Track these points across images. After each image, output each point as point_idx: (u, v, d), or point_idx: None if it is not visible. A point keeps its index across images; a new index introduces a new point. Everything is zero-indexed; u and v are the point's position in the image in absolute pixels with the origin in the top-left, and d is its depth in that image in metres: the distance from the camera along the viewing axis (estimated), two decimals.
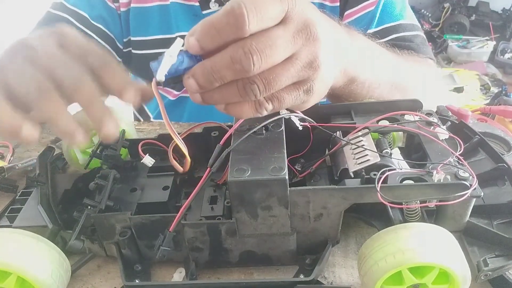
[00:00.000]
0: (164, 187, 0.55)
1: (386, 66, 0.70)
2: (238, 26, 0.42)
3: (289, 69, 0.46)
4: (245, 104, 0.47)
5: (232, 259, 0.53)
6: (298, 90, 0.48)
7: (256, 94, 0.45)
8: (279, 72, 0.45)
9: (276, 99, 0.47)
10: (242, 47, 0.43)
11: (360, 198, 0.47)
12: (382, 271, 0.43)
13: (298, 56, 0.46)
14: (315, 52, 0.46)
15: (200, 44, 0.44)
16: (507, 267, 0.47)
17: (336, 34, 0.54)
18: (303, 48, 0.46)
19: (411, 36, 0.89)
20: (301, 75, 0.47)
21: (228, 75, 0.44)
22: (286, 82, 0.46)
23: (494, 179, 0.53)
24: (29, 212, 0.55)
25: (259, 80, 0.45)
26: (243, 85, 0.45)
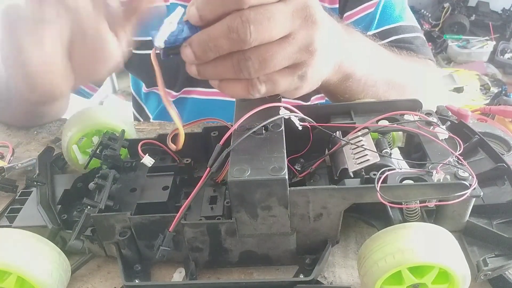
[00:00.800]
0: (164, 187, 0.55)
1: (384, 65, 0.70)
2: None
3: (286, 48, 0.46)
4: (238, 82, 0.48)
5: (232, 259, 0.53)
6: (293, 75, 0.49)
7: (250, 71, 0.46)
8: (275, 51, 0.45)
9: (270, 82, 0.48)
10: (240, 16, 0.43)
11: (359, 198, 0.47)
12: (382, 271, 0.43)
13: (296, 36, 0.46)
14: (312, 35, 0.47)
15: (200, 14, 0.44)
16: (506, 266, 0.47)
17: (334, 27, 0.55)
18: (300, 29, 0.46)
19: (410, 38, 0.89)
20: (297, 57, 0.47)
21: (224, 44, 0.44)
22: (281, 62, 0.47)
23: (494, 179, 0.53)
24: (29, 212, 0.55)
25: (255, 57, 0.45)
26: (238, 61, 0.45)
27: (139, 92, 1.12)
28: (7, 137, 0.82)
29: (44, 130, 0.84)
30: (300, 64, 0.48)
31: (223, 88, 0.49)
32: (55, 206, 0.56)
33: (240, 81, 0.48)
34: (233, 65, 0.46)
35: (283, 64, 0.47)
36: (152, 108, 1.09)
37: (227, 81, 0.48)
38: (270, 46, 0.45)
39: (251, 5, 0.43)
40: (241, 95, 0.49)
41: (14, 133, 0.83)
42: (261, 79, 0.48)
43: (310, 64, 0.48)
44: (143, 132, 0.82)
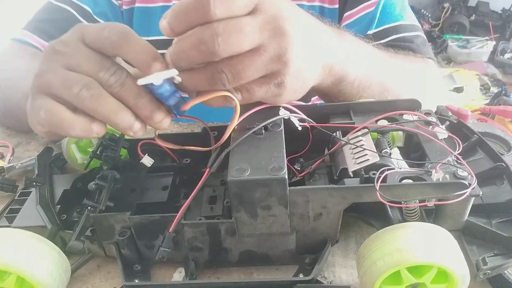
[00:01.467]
0: (164, 187, 0.55)
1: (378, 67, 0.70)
2: (204, 11, 0.43)
3: (257, 60, 0.47)
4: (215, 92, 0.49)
5: (232, 259, 0.53)
6: (269, 84, 0.49)
7: (225, 83, 0.47)
8: (247, 63, 0.46)
9: (245, 90, 0.49)
10: (209, 28, 0.44)
11: (359, 198, 0.47)
12: (381, 271, 0.43)
13: (266, 48, 0.47)
14: (283, 46, 0.47)
15: (170, 27, 0.45)
16: (505, 265, 0.47)
17: (317, 32, 0.55)
18: (270, 41, 0.47)
19: (411, 37, 0.89)
20: (269, 68, 0.48)
21: (194, 55, 0.45)
22: (254, 73, 0.47)
23: (493, 178, 0.53)
24: (28, 213, 0.55)
25: (227, 69, 0.46)
26: (212, 73, 0.46)
27: None
28: (7, 137, 0.83)
29: None
30: (275, 74, 0.49)
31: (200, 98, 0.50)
32: (55, 207, 0.56)
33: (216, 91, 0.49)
34: (207, 77, 0.47)
35: (256, 75, 0.48)
36: None
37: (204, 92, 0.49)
38: (242, 58, 0.46)
39: (219, 18, 0.44)
40: (218, 105, 0.50)
41: (14, 133, 0.84)
42: (236, 88, 0.49)
43: (287, 73, 0.49)
44: None
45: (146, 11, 0.92)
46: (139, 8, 0.92)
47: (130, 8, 0.93)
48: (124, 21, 0.94)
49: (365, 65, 0.66)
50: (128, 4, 0.93)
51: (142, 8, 0.92)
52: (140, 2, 0.92)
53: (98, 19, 0.91)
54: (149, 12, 0.91)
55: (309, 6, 0.91)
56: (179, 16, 0.45)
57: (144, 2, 0.92)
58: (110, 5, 0.92)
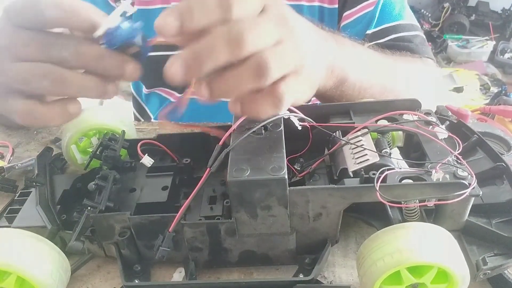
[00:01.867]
0: (163, 187, 0.55)
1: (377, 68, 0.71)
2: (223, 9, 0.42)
3: (286, 50, 0.46)
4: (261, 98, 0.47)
5: (232, 259, 0.53)
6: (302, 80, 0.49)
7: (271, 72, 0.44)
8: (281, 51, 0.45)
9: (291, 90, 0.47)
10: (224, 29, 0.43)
11: (359, 198, 0.47)
12: (381, 271, 0.43)
13: (286, 39, 0.46)
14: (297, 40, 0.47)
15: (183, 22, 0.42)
16: (506, 265, 0.47)
17: (318, 35, 0.55)
18: (286, 35, 0.46)
19: (410, 36, 0.89)
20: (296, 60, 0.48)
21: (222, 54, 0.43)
22: (290, 63, 0.47)
23: (493, 178, 0.53)
24: (28, 213, 0.55)
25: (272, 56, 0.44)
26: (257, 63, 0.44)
27: (139, 93, 1.12)
28: (7, 137, 0.82)
29: (44, 130, 0.84)
30: (302, 68, 0.49)
31: (247, 111, 0.48)
32: (54, 207, 0.56)
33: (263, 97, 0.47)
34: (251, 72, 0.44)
35: (291, 66, 0.47)
36: (154, 109, 1.09)
37: (250, 102, 0.47)
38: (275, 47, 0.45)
39: (237, 17, 0.43)
40: (269, 112, 0.48)
41: (14, 133, 0.84)
42: (283, 89, 0.46)
43: (308, 66, 0.49)
44: (143, 132, 0.82)
45: (145, 13, 0.92)
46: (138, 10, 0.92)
47: None
48: None
49: (364, 66, 0.66)
50: None
51: (141, 10, 0.92)
52: (138, 4, 0.92)
53: None
54: (148, 13, 0.91)
55: (309, 6, 0.91)
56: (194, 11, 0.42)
57: (142, 4, 0.92)
58: (109, 8, 0.92)
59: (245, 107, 0.48)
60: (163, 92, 1.03)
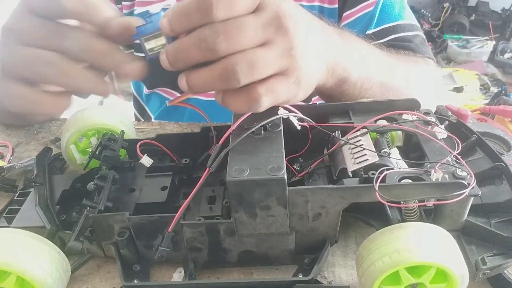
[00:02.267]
0: (163, 187, 0.55)
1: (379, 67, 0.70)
2: (206, 12, 0.43)
3: (267, 54, 0.47)
4: (239, 96, 0.48)
5: (231, 259, 0.53)
6: (288, 82, 0.49)
7: (239, 77, 0.46)
8: (259, 55, 0.46)
9: (270, 92, 0.48)
10: (210, 28, 0.44)
11: (358, 198, 0.47)
12: (379, 272, 0.43)
13: (274, 42, 0.47)
14: (290, 41, 0.48)
15: (171, 27, 0.45)
16: (505, 265, 0.47)
17: (319, 32, 0.55)
18: (276, 37, 0.47)
19: (410, 36, 0.89)
20: (281, 63, 0.48)
21: (194, 55, 0.45)
22: (268, 68, 0.47)
23: (492, 178, 0.52)
24: (27, 213, 0.55)
25: (242, 61, 0.45)
26: (225, 67, 0.46)
27: (140, 93, 1.12)
28: (7, 137, 0.82)
29: (44, 130, 0.84)
30: (289, 70, 0.49)
31: (226, 103, 0.49)
32: (54, 207, 0.56)
33: (241, 94, 0.48)
34: (219, 73, 0.46)
35: (269, 70, 0.48)
36: (154, 109, 1.09)
37: (229, 95, 0.49)
38: (253, 51, 0.46)
39: (221, 19, 0.44)
40: (243, 109, 0.50)
41: (14, 132, 0.83)
42: (260, 91, 0.48)
43: (298, 68, 0.49)
44: (142, 132, 0.82)
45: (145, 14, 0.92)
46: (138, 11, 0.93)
47: (129, 12, 0.94)
48: None
49: (367, 65, 0.66)
50: (128, 8, 0.93)
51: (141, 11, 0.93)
52: (138, 5, 0.92)
53: None
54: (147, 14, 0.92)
55: (308, 6, 0.91)
56: (180, 16, 0.45)
57: (142, 5, 0.92)
58: None
59: (224, 100, 0.49)
60: (163, 92, 1.03)
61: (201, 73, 0.47)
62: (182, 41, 0.46)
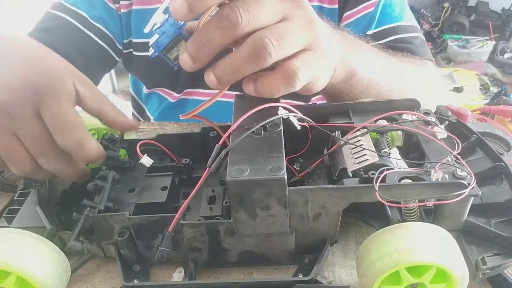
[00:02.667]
0: (163, 188, 0.55)
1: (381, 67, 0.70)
2: None
3: (292, 26, 0.47)
4: (274, 76, 0.48)
5: (231, 259, 0.53)
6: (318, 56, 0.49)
7: (271, 51, 0.45)
8: (285, 28, 0.46)
9: (306, 65, 0.48)
10: (227, 6, 0.44)
11: (358, 198, 0.47)
12: (379, 272, 0.43)
13: (294, 16, 0.47)
14: (308, 14, 0.48)
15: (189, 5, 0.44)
16: (505, 265, 0.47)
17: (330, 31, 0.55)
18: (294, 11, 0.47)
19: (410, 38, 0.89)
20: (307, 35, 0.48)
21: (218, 36, 0.45)
22: (297, 40, 0.47)
23: (492, 178, 0.53)
24: (27, 213, 0.55)
25: (271, 35, 0.45)
26: (254, 43, 0.45)
27: (139, 93, 1.12)
28: None
29: None
30: (314, 43, 0.49)
31: (260, 89, 0.49)
32: (54, 207, 0.56)
33: (276, 74, 0.48)
34: (249, 52, 0.45)
35: (298, 43, 0.48)
36: (153, 109, 1.09)
37: (261, 80, 0.48)
38: (278, 25, 0.46)
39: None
40: (281, 90, 0.49)
41: None
42: (297, 64, 0.47)
43: (322, 40, 0.50)
44: (142, 132, 0.82)
45: (143, 13, 0.92)
46: (136, 10, 0.92)
47: (127, 11, 0.93)
48: (122, 24, 0.94)
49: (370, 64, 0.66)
50: (126, 7, 0.93)
51: (139, 10, 0.92)
52: (137, 5, 0.92)
53: (95, 23, 0.91)
54: (146, 14, 0.91)
55: None
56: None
57: (141, 4, 0.92)
58: (107, 9, 0.93)
59: (257, 87, 0.49)
60: (162, 92, 1.03)
61: (228, 59, 0.46)
62: (202, 29, 0.45)
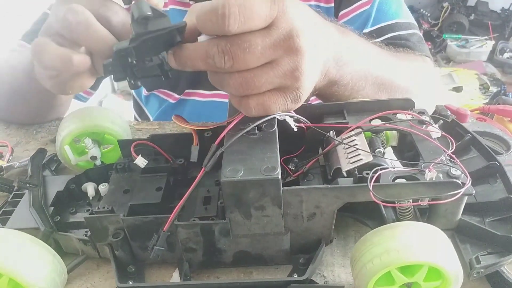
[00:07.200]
0: (157, 188, 0.55)
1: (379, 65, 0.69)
2: (219, 25, 0.44)
3: (268, 73, 0.47)
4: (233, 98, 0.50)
5: (226, 260, 0.52)
6: (285, 99, 0.50)
7: (231, 91, 0.48)
8: (257, 73, 0.47)
9: (261, 106, 0.49)
10: (217, 45, 0.45)
11: (352, 197, 0.47)
12: (371, 273, 0.43)
13: (279, 63, 0.47)
14: (297, 62, 0.48)
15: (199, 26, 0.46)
16: (499, 264, 0.47)
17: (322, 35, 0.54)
18: (284, 57, 0.47)
19: (407, 35, 0.89)
20: (282, 82, 0.48)
21: (200, 65, 0.47)
22: (265, 85, 0.48)
23: (486, 177, 0.52)
24: (21, 215, 0.55)
25: (236, 78, 0.47)
26: (221, 78, 0.48)
27: (139, 94, 1.12)
28: (6, 136, 0.83)
29: (43, 130, 0.84)
30: (289, 88, 0.49)
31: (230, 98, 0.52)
32: (48, 208, 0.56)
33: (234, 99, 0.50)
34: (217, 81, 0.49)
35: (266, 87, 0.48)
36: (153, 111, 1.09)
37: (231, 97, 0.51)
38: (253, 69, 0.47)
39: (234, 33, 0.44)
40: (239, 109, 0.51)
41: (13, 132, 0.84)
42: (251, 104, 0.49)
43: (299, 87, 0.49)
44: (142, 131, 0.82)
45: None
46: None
47: None
48: None
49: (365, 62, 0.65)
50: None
51: None
52: None
53: None
54: None
55: None
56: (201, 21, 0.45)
57: None
58: None
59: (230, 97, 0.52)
60: (162, 94, 1.03)
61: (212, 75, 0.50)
62: (190, 52, 0.47)
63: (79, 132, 0.62)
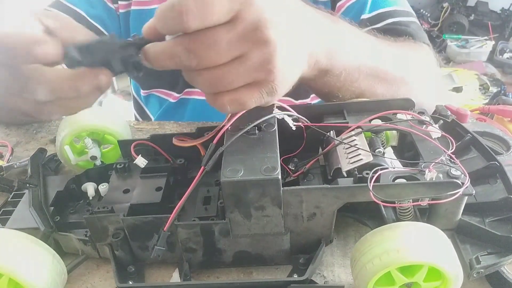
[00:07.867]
0: (157, 188, 0.55)
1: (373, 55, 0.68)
2: (177, 23, 0.42)
3: (238, 68, 0.45)
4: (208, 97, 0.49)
5: (226, 260, 0.52)
6: (261, 92, 0.48)
7: (202, 88, 0.47)
8: (226, 69, 0.45)
9: (235, 102, 0.47)
10: (181, 43, 0.44)
11: (352, 197, 0.47)
12: (371, 273, 0.43)
13: (249, 57, 0.45)
14: (268, 54, 0.45)
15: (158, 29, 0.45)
16: (499, 264, 0.47)
17: (306, 23, 0.53)
18: (253, 50, 0.45)
19: (407, 21, 0.88)
20: (255, 76, 0.46)
21: (169, 64, 0.46)
22: (237, 81, 0.46)
23: (486, 177, 0.52)
24: (21, 215, 0.55)
25: (206, 75, 0.46)
26: (191, 77, 0.47)
27: (139, 94, 1.12)
28: (6, 136, 0.83)
29: (43, 130, 0.84)
30: (263, 82, 0.47)
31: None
32: (48, 208, 0.56)
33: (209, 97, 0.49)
34: (190, 79, 0.47)
35: (238, 83, 0.46)
36: (154, 111, 1.09)
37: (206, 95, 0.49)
38: (222, 66, 0.45)
39: (194, 29, 0.42)
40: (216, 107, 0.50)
41: (13, 132, 0.84)
42: (224, 101, 0.47)
43: (275, 79, 0.47)
44: (142, 131, 0.82)
45: (142, 13, 0.92)
46: (135, 10, 0.93)
47: (126, 11, 0.94)
48: (121, 24, 0.95)
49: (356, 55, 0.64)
50: (124, 8, 0.93)
51: (138, 10, 0.93)
52: (135, 5, 0.92)
53: (93, 22, 0.91)
54: (145, 14, 0.92)
55: None
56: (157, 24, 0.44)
57: (139, 5, 0.92)
58: (106, 9, 0.93)
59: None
60: (161, 94, 1.03)
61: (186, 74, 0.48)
62: (157, 52, 0.45)
63: (79, 132, 0.62)
